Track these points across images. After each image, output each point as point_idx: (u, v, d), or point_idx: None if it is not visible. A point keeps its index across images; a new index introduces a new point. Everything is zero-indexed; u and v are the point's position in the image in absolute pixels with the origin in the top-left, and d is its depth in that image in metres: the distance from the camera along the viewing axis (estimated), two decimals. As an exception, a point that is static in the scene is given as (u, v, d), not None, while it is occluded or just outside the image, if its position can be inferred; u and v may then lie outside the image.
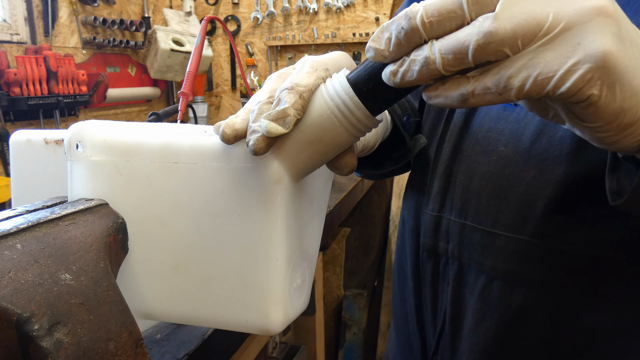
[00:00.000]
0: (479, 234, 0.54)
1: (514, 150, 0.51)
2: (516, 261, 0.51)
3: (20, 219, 0.38)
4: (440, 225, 0.59)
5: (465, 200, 0.56)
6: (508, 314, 0.53)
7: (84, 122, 0.48)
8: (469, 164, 0.56)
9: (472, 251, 0.55)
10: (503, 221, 0.52)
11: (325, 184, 0.55)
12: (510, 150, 0.51)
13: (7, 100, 1.33)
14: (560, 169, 0.47)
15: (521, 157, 0.50)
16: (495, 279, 0.53)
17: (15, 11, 1.45)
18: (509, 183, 0.51)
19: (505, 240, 0.52)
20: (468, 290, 0.57)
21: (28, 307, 0.31)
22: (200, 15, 2.14)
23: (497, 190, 0.52)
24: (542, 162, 0.48)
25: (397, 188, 1.92)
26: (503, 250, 0.52)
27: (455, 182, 0.57)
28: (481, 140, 0.55)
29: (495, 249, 0.53)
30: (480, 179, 0.54)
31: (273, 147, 0.43)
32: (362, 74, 0.42)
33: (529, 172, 0.50)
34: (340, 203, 1.20)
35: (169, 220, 0.46)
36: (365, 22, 1.91)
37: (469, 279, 0.56)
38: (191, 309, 0.48)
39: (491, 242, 0.53)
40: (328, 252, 1.94)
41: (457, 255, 0.57)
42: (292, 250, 0.47)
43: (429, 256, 0.61)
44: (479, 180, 0.54)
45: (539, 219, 0.49)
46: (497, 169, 0.53)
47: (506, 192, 0.51)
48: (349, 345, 1.97)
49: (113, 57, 1.84)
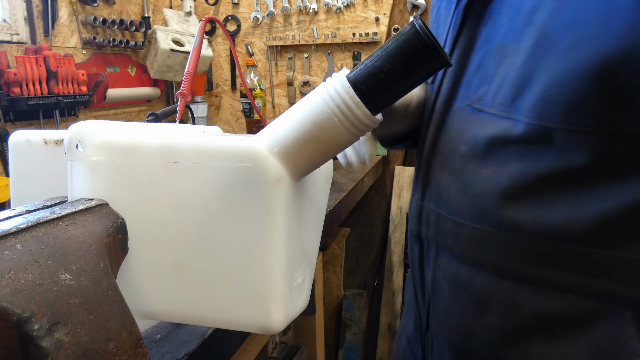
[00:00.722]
0: (450, 223, 0.60)
1: (472, 150, 0.57)
2: (479, 248, 0.57)
3: (20, 219, 0.38)
4: (422, 213, 0.66)
5: (439, 192, 0.62)
6: (473, 297, 0.58)
7: (84, 122, 0.48)
8: (441, 159, 0.62)
9: (445, 238, 0.61)
10: (467, 213, 0.58)
11: (325, 184, 0.55)
12: (469, 150, 0.57)
13: (7, 100, 1.33)
14: (513, 167, 0.53)
15: (479, 157, 0.56)
16: (463, 264, 0.59)
17: (15, 11, 1.45)
18: (468, 179, 0.58)
19: (470, 229, 0.58)
20: (442, 273, 0.63)
21: (28, 307, 0.31)
22: (200, 15, 2.14)
23: (461, 185, 0.59)
24: (497, 161, 0.54)
25: (397, 188, 1.92)
26: (468, 239, 0.58)
27: (432, 175, 0.64)
28: (450, 138, 0.60)
29: (463, 237, 0.59)
30: (449, 174, 0.60)
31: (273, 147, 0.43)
32: (362, 73, 0.42)
33: (486, 170, 0.55)
34: (340, 203, 1.20)
35: (169, 220, 0.46)
36: (365, 22, 1.91)
37: (443, 263, 0.62)
38: (191, 309, 0.48)
39: (459, 231, 0.59)
40: (328, 252, 1.94)
41: (434, 241, 0.64)
42: (293, 249, 0.47)
43: (415, 240, 0.69)
44: (448, 176, 0.61)
45: (494, 211, 0.54)
46: (460, 165, 0.59)
47: (467, 187, 0.58)
48: (349, 345, 1.97)
49: (113, 57, 1.84)
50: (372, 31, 1.90)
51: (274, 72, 2.08)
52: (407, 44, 0.41)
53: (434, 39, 0.40)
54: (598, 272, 0.50)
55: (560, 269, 0.51)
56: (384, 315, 1.95)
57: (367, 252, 2.05)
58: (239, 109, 2.19)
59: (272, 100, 2.11)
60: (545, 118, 0.49)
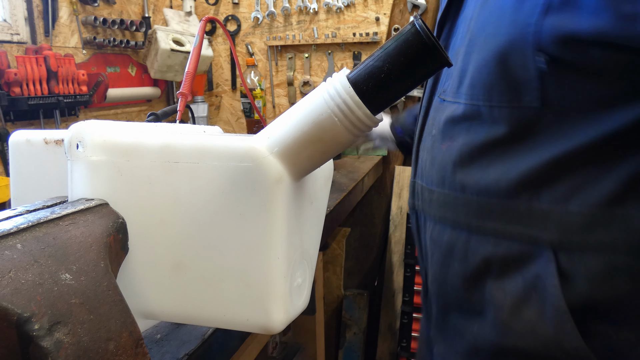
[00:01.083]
0: (427, 191, 0.74)
1: (438, 131, 0.72)
2: (444, 208, 0.70)
3: (20, 218, 0.38)
4: (415, 188, 0.80)
5: (422, 168, 0.77)
6: (443, 250, 0.71)
7: (84, 122, 0.48)
8: (423, 142, 0.78)
9: (425, 205, 0.75)
10: (435, 181, 0.72)
11: (325, 184, 0.55)
12: (437, 131, 0.72)
13: (7, 100, 1.33)
14: (460, 140, 0.67)
15: (440, 135, 0.71)
16: (436, 224, 0.73)
17: (16, 11, 1.45)
18: (435, 154, 0.72)
19: (438, 194, 0.71)
20: (428, 236, 0.76)
21: (28, 307, 0.31)
22: (200, 15, 2.14)
23: (431, 159, 0.73)
24: (450, 137, 0.69)
25: (397, 188, 1.92)
26: (437, 202, 0.72)
27: (419, 156, 0.79)
28: (428, 125, 0.76)
29: (434, 201, 0.72)
30: (426, 152, 0.75)
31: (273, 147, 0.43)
32: (363, 73, 0.42)
33: (444, 145, 0.70)
34: (340, 203, 1.20)
35: (169, 220, 0.46)
36: (365, 22, 1.91)
37: (428, 227, 0.76)
38: (192, 309, 0.48)
39: (432, 196, 0.73)
40: (328, 252, 1.94)
41: (422, 210, 0.77)
42: (293, 249, 0.47)
43: (412, 212, 0.83)
44: (426, 154, 0.76)
45: (450, 177, 0.68)
46: (431, 145, 0.74)
47: (434, 160, 0.72)
48: (349, 345, 1.97)
49: (113, 57, 1.84)
50: (373, 31, 1.90)
51: (274, 72, 2.08)
52: (407, 44, 0.41)
53: (434, 39, 0.40)
54: (523, 220, 0.61)
55: (498, 219, 0.63)
56: (384, 315, 1.95)
57: (367, 252, 2.05)
58: (239, 108, 2.19)
59: (272, 100, 2.11)
60: (474, 98, 0.64)
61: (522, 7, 0.57)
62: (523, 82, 0.58)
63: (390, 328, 1.94)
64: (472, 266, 0.66)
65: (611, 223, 0.57)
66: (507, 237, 0.62)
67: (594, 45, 0.53)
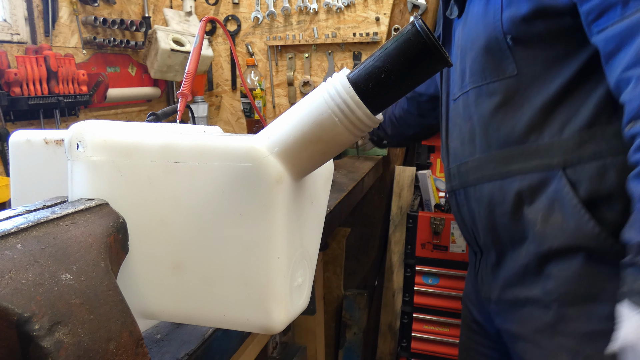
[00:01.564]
0: (463, 166, 0.96)
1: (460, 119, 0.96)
2: (479, 170, 0.92)
3: (20, 218, 0.38)
4: (450, 173, 1.02)
5: (454, 153, 1.00)
6: (485, 203, 0.91)
7: (85, 122, 0.48)
8: (451, 135, 1.02)
9: (462, 178, 0.97)
10: (467, 153, 0.94)
11: (325, 184, 0.55)
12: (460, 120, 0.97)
13: (7, 100, 1.33)
14: (477, 115, 0.90)
15: (463, 120, 0.95)
16: (475, 186, 0.93)
17: (16, 11, 1.45)
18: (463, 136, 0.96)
19: (472, 162, 0.93)
20: (471, 205, 0.96)
21: (28, 307, 0.31)
22: (200, 15, 2.14)
23: (461, 141, 0.97)
24: (469, 116, 0.93)
25: (397, 188, 1.92)
26: (473, 168, 0.93)
27: (449, 146, 1.02)
28: (451, 122, 1.01)
29: (470, 169, 0.94)
30: (455, 139, 0.99)
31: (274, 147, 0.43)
32: (363, 73, 0.42)
33: (467, 124, 0.94)
34: (340, 203, 1.20)
35: (169, 220, 0.46)
36: (365, 22, 1.91)
37: (468, 195, 0.96)
38: (192, 309, 0.48)
39: (467, 167, 0.95)
40: (328, 252, 1.94)
41: (459, 185, 0.98)
42: (293, 249, 0.47)
43: (451, 195, 1.04)
44: (455, 140, 0.99)
45: (477, 144, 0.92)
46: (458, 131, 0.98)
47: (463, 140, 0.96)
48: (349, 345, 1.97)
49: (113, 57, 1.84)
50: (373, 31, 1.90)
51: (274, 72, 2.08)
52: (407, 44, 0.41)
53: (434, 39, 0.40)
54: (536, 156, 0.83)
55: (518, 161, 0.85)
56: (384, 315, 1.95)
57: (367, 252, 2.05)
58: (239, 108, 2.19)
59: (273, 100, 2.11)
60: (476, 82, 0.90)
61: (488, 13, 0.86)
62: (502, 60, 0.85)
63: (390, 328, 1.94)
64: (510, 202, 0.86)
65: (594, 138, 0.78)
66: (529, 171, 0.83)
67: (535, 20, 0.79)
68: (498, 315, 0.96)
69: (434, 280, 1.75)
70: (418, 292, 1.77)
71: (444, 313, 1.75)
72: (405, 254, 1.80)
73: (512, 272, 0.90)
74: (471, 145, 0.93)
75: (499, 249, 0.93)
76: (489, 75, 0.87)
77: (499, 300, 0.94)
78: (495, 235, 0.92)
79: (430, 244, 1.73)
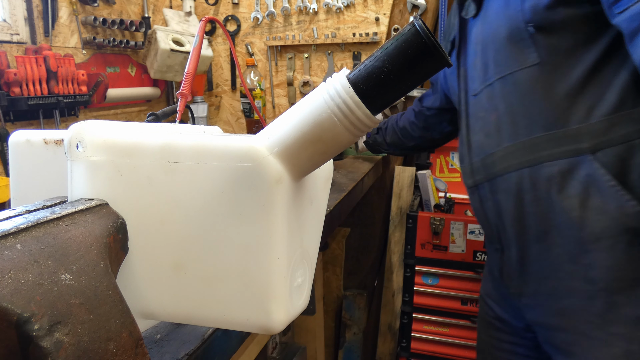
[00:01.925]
0: (488, 158, 0.97)
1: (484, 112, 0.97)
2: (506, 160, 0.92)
3: (20, 219, 0.38)
4: (472, 167, 1.02)
5: (477, 147, 1.00)
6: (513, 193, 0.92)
7: (84, 122, 0.48)
8: (472, 129, 1.02)
9: (487, 170, 0.97)
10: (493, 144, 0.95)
11: (325, 184, 0.55)
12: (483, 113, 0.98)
13: (7, 100, 1.33)
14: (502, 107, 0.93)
15: (487, 113, 0.96)
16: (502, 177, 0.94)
17: (15, 11, 1.45)
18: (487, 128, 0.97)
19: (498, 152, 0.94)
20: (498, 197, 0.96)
21: (28, 307, 0.31)
22: (200, 15, 2.14)
23: (485, 133, 0.97)
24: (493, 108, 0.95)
25: (397, 188, 1.92)
26: (499, 159, 0.94)
27: (471, 140, 1.03)
28: (472, 117, 1.03)
29: (496, 160, 0.94)
30: (478, 133, 1.00)
31: (273, 147, 0.43)
32: (362, 73, 0.42)
33: (492, 116, 0.95)
34: (340, 203, 1.20)
35: (169, 220, 0.46)
36: (365, 22, 1.91)
37: (495, 187, 0.96)
38: (192, 309, 0.48)
39: (494, 158, 0.95)
40: (328, 252, 1.94)
41: (483, 179, 0.99)
42: (293, 249, 0.47)
43: (472, 190, 1.04)
44: (479, 134, 1.00)
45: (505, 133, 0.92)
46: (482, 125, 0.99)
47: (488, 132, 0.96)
48: (349, 345, 1.97)
49: (113, 57, 1.84)
50: (372, 31, 1.90)
51: (274, 72, 2.08)
52: (407, 44, 0.41)
53: (434, 39, 0.40)
54: (565, 142, 0.84)
55: (546, 148, 0.86)
56: (384, 315, 1.95)
57: (367, 252, 2.05)
58: (239, 109, 2.19)
59: (272, 100, 2.11)
60: (501, 72, 0.92)
61: (510, 4, 0.88)
62: (525, 48, 0.86)
63: (390, 328, 1.94)
64: (540, 188, 0.87)
65: (622, 121, 0.80)
66: (558, 157, 0.85)
67: (557, 7, 0.81)
68: (532, 310, 0.95)
69: (433, 280, 1.75)
70: (418, 292, 1.77)
71: (443, 313, 1.75)
72: (405, 254, 1.80)
73: (546, 263, 0.90)
74: (497, 136, 0.94)
75: (524, 242, 0.93)
76: (512, 64, 0.89)
77: (534, 294, 0.93)
78: (522, 227, 0.92)
79: (430, 244, 1.73)
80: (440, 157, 1.99)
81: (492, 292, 1.11)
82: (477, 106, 1.00)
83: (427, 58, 0.41)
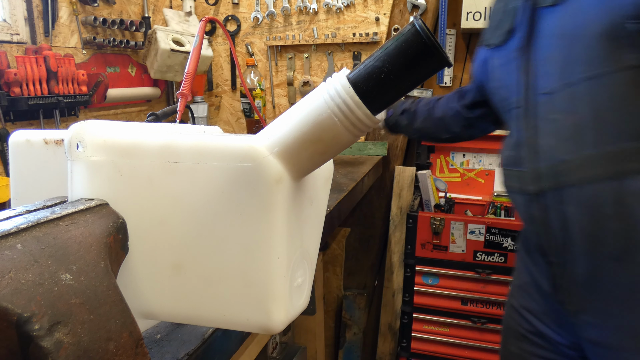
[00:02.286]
0: (560, 164, 0.87)
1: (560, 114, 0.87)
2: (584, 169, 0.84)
3: (20, 219, 0.38)
4: (540, 173, 0.91)
5: (546, 151, 0.89)
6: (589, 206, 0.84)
7: (84, 122, 0.48)
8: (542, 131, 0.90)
9: (558, 178, 0.87)
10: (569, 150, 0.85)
11: (325, 184, 0.55)
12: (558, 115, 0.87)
13: (7, 100, 1.33)
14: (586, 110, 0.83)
15: (564, 115, 0.86)
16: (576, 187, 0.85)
17: (15, 11, 1.45)
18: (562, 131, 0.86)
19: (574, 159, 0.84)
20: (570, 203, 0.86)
21: (28, 307, 0.31)
22: (200, 15, 2.14)
23: (557, 137, 0.87)
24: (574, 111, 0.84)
25: (397, 188, 1.92)
26: (576, 166, 0.84)
27: (539, 143, 0.91)
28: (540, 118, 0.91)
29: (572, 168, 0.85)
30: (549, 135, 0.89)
31: (273, 147, 0.43)
32: (363, 73, 0.42)
33: (570, 117, 0.84)
34: (340, 203, 1.20)
35: (169, 220, 0.46)
36: (365, 22, 1.91)
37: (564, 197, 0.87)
38: (192, 309, 0.48)
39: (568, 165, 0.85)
40: (328, 252, 1.94)
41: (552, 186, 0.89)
42: (293, 249, 0.47)
43: (532, 199, 0.93)
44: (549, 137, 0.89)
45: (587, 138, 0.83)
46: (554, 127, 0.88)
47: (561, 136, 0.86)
48: (349, 345, 1.97)
49: (113, 57, 1.84)
50: (372, 31, 1.90)
51: (274, 72, 2.08)
52: (407, 44, 0.41)
53: (434, 39, 0.40)
54: None
55: (637, 160, 0.78)
56: (384, 315, 1.95)
57: (367, 252, 2.05)
58: (239, 109, 2.19)
59: (272, 100, 2.11)
60: (590, 71, 0.81)
61: None
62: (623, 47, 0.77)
63: (390, 328, 1.94)
64: (625, 203, 0.79)
65: None
66: None
67: None
68: (592, 328, 0.89)
69: (433, 280, 1.75)
70: (418, 292, 1.77)
71: (443, 313, 1.75)
72: (405, 254, 1.80)
73: (624, 283, 0.83)
74: (574, 141, 0.84)
75: (597, 258, 0.86)
76: (606, 64, 0.79)
77: (600, 312, 0.87)
78: (596, 242, 0.84)
79: (430, 244, 1.73)
80: (440, 157, 1.99)
81: (533, 305, 1.03)
82: (549, 106, 0.89)
83: (427, 58, 0.41)
